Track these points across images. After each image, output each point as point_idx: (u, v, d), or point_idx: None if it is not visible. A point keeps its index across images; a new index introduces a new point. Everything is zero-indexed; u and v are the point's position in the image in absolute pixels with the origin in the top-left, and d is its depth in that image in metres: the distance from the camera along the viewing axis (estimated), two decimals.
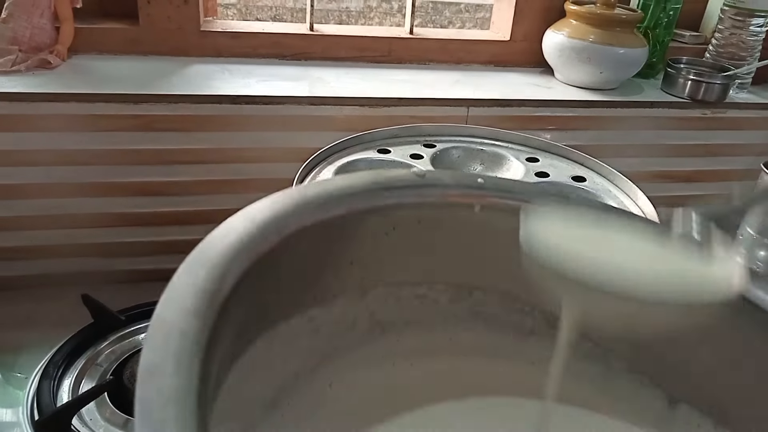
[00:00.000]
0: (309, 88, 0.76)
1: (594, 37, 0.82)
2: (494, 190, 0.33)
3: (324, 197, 0.29)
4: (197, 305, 0.21)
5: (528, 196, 0.33)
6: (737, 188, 0.44)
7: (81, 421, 0.56)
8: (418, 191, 0.31)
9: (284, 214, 0.27)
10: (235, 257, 0.23)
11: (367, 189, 0.30)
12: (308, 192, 0.28)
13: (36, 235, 0.72)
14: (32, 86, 0.68)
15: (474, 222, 0.33)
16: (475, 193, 0.32)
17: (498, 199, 0.33)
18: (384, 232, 0.31)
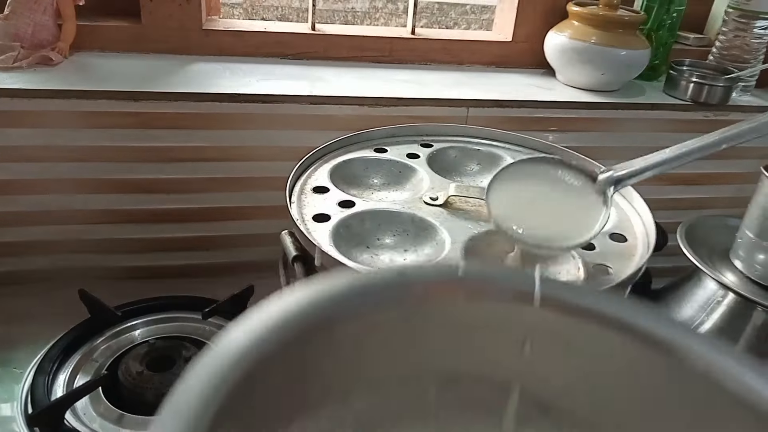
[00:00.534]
0: (309, 87, 0.76)
1: (596, 38, 0.81)
2: (477, 279, 0.33)
3: (300, 313, 0.28)
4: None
5: (512, 284, 0.33)
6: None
7: (75, 416, 0.56)
8: (399, 289, 0.31)
9: (258, 339, 0.27)
10: (213, 397, 0.23)
11: (345, 297, 0.30)
12: (276, 312, 0.28)
13: (34, 230, 0.72)
14: (34, 83, 0.68)
15: (457, 312, 0.33)
16: (457, 284, 0.32)
17: (480, 288, 0.33)
18: (365, 333, 0.31)
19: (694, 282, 0.64)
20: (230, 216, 0.77)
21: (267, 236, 0.75)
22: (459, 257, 0.43)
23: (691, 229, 0.66)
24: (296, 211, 0.50)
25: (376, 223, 0.50)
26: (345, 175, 0.57)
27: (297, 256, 0.46)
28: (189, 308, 0.70)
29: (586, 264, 0.46)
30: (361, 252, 0.48)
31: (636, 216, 0.54)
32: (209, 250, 0.79)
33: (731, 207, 0.89)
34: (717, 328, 0.61)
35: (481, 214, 0.52)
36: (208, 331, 0.68)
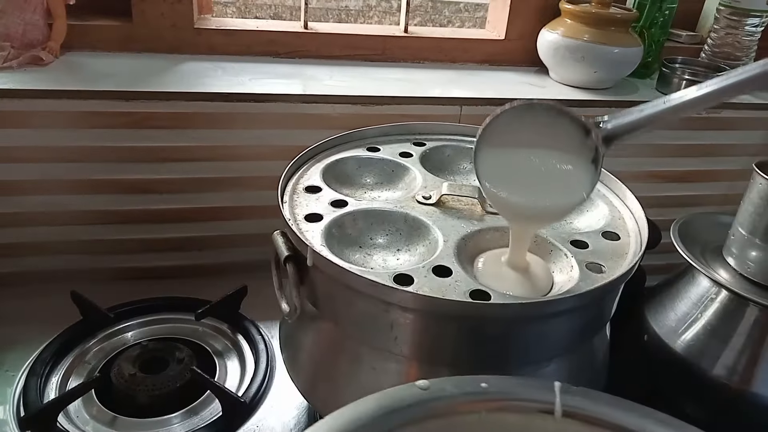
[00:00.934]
0: (302, 87, 0.76)
1: (588, 36, 0.81)
2: (498, 393, 0.35)
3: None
4: None
5: (533, 396, 0.35)
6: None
7: (67, 418, 0.56)
8: (424, 406, 0.33)
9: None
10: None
11: (374, 416, 0.32)
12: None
13: (25, 231, 0.72)
14: (24, 83, 0.68)
15: (480, 425, 0.34)
16: (480, 399, 0.34)
17: (503, 402, 0.35)
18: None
19: (687, 279, 0.64)
20: (223, 216, 0.77)
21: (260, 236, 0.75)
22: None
23: (684, 227, 0.66)
24: (288, 210, 0.50)
25: (369, 222, 0.50)
26: (337, 174, 0.56)
27: (289, 256, 0.46)
28: (182, 309, 0.69)
29: (579, 262, 0.46)
30: (353, 252, 0.48)
31: (628, 214, 0.54)
32: (202, 251, 0.78)
33: (723, 204, 0.89)
34: (710, 325, 0.61)
35: (474, 212, 0.52)
36: (201, 332, 0.68)
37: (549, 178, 0.44)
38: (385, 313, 0.41)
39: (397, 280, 0.42)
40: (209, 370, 0.63)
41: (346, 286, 0.42)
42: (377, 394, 0.34)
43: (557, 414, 0.33)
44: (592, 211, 0.55)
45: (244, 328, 0.68)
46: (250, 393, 0.60)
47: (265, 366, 0.63)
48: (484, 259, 0.47)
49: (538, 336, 0.43)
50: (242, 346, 0.66)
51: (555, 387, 0.34)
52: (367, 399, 0.33)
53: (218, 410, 0.58)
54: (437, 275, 0.43)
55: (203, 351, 0.65)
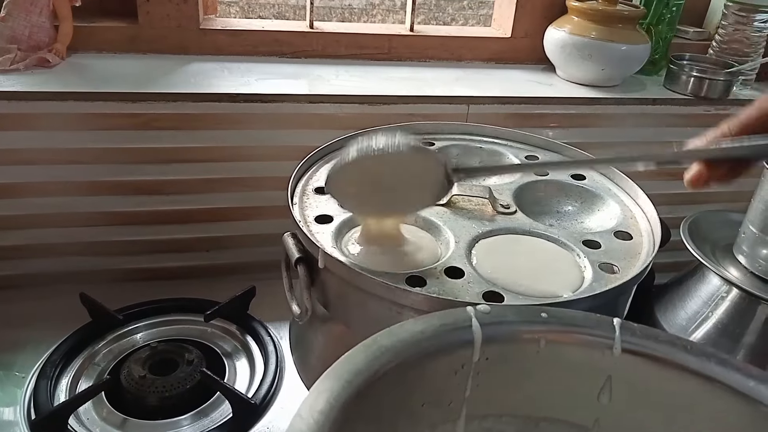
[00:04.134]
0: (308, 86, 0.76)
1: (596, 33, 0.81)
2: (558, 324, 0.35)
3: (397, 344, 0.31)
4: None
5: (592, 326, 0.35)
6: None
7: (78, 421, 0.56)
8: (485, 329, 0.33)
9: (362, 365, 0.30)
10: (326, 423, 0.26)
11: (436, 332, 0.32)
12: (382, 341, 0.31)
13: (34, 233, 0.72)
14: (31, 85, 0.68)
15: (539, 356, 0.34)
16: (540, 329, 0.34)
17: (562, 333, 0.35)
18: (453, 371, 0.33)
19: (697, 278, 0.64)
20: (231, 217, 0.77)
21: (268, 237, 0.75)
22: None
23: (694, 225, 0.66)
24: (298, 212, 0.50)
25: None
26: None
27: (300, 257, 0.46)
28: (191, 311, 0.69)
29: (592, 263, 0.46)
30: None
31: (641, 213, 0.53)
32: (210, 252, 0.78)
33: (733, 202, 0.89)
34: (721, 323, 0.61)
35: (485, 212, 0.52)
36: (210, 334, 0.68)
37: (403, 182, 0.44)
38: (398, 315, 0.41)
39: (410, 281, 0.42)
40: (218, 371, 0.63)
41: (357, 288, 0.42)
42: (440, 312, 0.34)
43: (616, 350, 0.33)
44: (603, 211, 0.54)
45: (253, 329, 0.68)
46: (260, 394, 0.60)
47: (274, 367, 0.63)
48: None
49: None
50: (251, 347, 0.66)
51: (615, 323, 0.34)
52: (432, 315, 0.34)
53: (228, 412, 0.58)
54: (450, 276, 0.43)
55: (212, 352, 0.65)
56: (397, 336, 0.31)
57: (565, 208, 0.56)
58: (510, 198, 0.54)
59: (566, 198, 0.57)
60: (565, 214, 0.56)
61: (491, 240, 0.49)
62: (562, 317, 0.35)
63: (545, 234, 0.50)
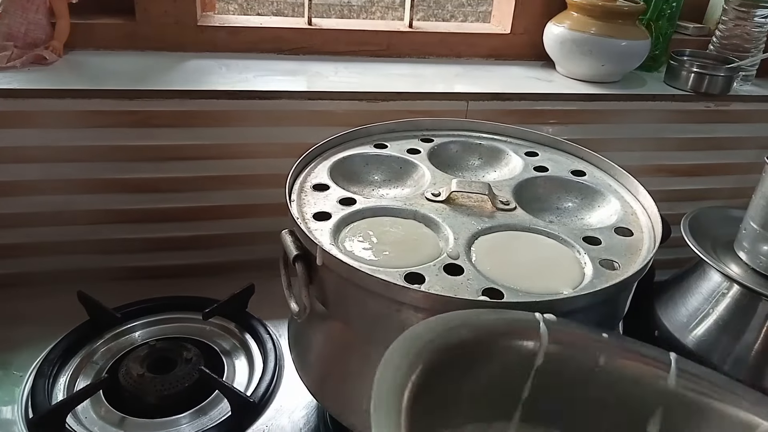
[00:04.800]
0: (307, 83, 0.75)
1: (595, 29, 0.81)
2: (618, 344, 0.36)
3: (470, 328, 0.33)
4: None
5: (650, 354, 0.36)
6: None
7: (76, 419, 0.56)
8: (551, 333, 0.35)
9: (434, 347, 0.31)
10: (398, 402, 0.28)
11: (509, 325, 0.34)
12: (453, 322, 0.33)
13: (31, 232, 0.72)
14: (28, 82, 0.67)
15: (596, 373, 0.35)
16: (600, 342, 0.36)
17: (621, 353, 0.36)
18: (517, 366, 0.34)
19: (698, 274, 0.64)
20: (229, 214, 0.76)
21: (267, 234, 0.74)
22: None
23: (694, 221, 0.66)
24: (296, 209, 0.49)
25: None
26: (345, 172, 0.56)
27: (298, 255, 0.45)
28: (189, 308, 0.69)
29: (593, 259, 0.46)
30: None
31: (641, 209, 0.53)
32: (208, 249, 0.78)
33: (734, 198, 0.89)
34: (722, 320, 0.60)
35: (484, 209, 0.51)
36: (208, 332, 0.68)
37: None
38: (397, 312, 0.41)
39: (408, 278, 0.42)
40: (217, 369, 0.62)
41: (356, 285, 0.42)
42: (502, 311, 0.36)
43: (671, 382, 0.34)
44: (604, 207, 0.54)
45: (252, 327, 0.68)
46: (258, 392, 0.59)
47: (273, 365, 0.63)
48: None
49: None
50: (250, 345, 0.66)
51: (671, 356, 0.35)
52: (503, 311, 0.35)
53: (227, 410, 0.58)
54: (449, 273, 0.43)
55: (211, 350, 0.65)
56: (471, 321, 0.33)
57: (565, 205, 0.56)
58: (510, 194, 0.54)
59: (566, 194, 0.56)
60: (565, 210, 0.55)
61: (491, 237, 0.48)
62: (623, 340, 0.37)
63: (545, 230, 0.49)
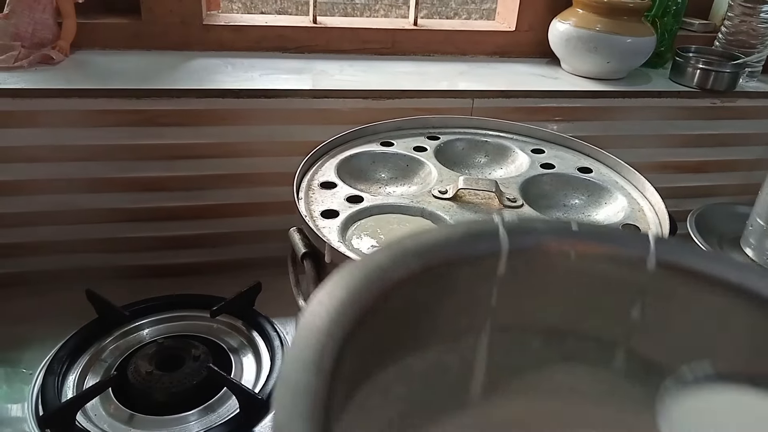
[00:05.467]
0: (312, 82, 0.76)
1: (601, 26, 0.81)
2: (590, 236, 0.33)
3: (422, 248, 0.30)
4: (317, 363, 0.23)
5: (626, 240, 0.33)
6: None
7: (85, 417, 0.56)
8: (512, 239, 0.32)
9: (386, 267, 0.28)
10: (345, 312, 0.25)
11: (461, 239, 0.31)
12: (407, 244, 0.29)
13: (40, 231, 0.72)
14: (35, 82, 0.68)
15: (569, 269, 0.33)
16: (570, 240, 0.33)
17: (594, 246, 0.33)
18: (479, 280, 0.32)
19: None
20: (236, 212, 0.77)
21: (274, 232, 0.75)
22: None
23: (701, 217, 0.66)
24: (304, 207, 0.49)
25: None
26: (352, 169, 0.56)
27: (306, 252, 0.46)
28: (197, 306, 0.69)
29: None
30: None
31: (648, 206, 0.53)
32: (215, 247, 0.78)
33: (740, 194, 0.88)
34: None
35: (492, 206, 0.51)
36: (216, 329, 0.68)
37: None
38: None
39: None
40: (225, 367, 0.63)
41: None
42: (466, 221, 0.33)
43: (650, 264, 0.32)
44: (611, 204, 0.54)
45: (259, 324, 0.68)
46: (267, 389, 0.60)
47: (281, 362, 0.63)
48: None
49: None
50: (257, 343, 0.66)
51: (650, 237, 0.32)
52: (457, 224, 0.33)
53: (235, 407, 0.58)
54: None
55: (219, 348, 0.65)
56: (423, 240, 0.30)
57: (572, 201, 0.56)
58: (516, 191, 0.54)
59: (573, 191, 0.56)
60: (572, 207, 0.55)
61: None
62: (594, 230, 0.34)
63: None
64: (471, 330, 0.33)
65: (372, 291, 0.26)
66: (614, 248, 0.32)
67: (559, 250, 0.32)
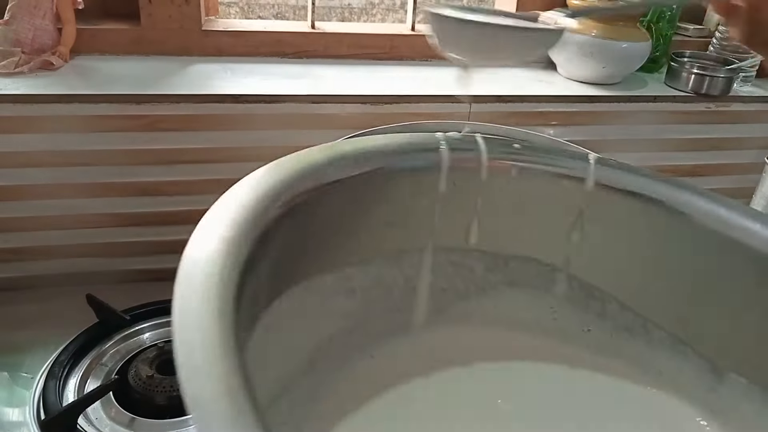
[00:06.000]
0: (310, 87, 0.76)
1: (596, 31, 0.81)
2: (531, 153, 0.32)
3: (359, 153, 0.28)
4: (232, 235, 0.21)
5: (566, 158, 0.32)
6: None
7: (87, 420, 0.57)
8: (453, 154, 0.31)
9: (320, 164, 0.26)
10: (272, 197, 0.23)
11: (401, 149, 0.30)
12: (344, 147, 0.28)
13: (40, 235, 0.72)
14: (35, 88, 0.68)
15: (510, 187, 0.32)
16: (512, 157, 0.32)
17: (534, 163, 0.32)
18: (419, 194, 0.31)
19: None
20: None
21: None
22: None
23: None
24: None
25: None
26: None
27: None
28: None
29: None
30: None
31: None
32: None
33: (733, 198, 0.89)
34: None
35: None
36: None
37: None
38: None
39: None
40: None
41: None
42: (408, 133, 0.32)
43: (589, 183, 0.32)
44: None
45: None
46: None
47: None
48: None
49: None
50: None
51: (590, 157, 0.32)
52: (399, 134, 0.32)
53: None
54: None
55: None
56: (361, 145, 0.29)
57: None
58: None
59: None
60: None
61: None
62: (535, 147, 0.33)
63: None
64: (414, 248, 0.32)
65: (306, 183, 0.25)
66: (554, 167, 0.32)
67: (500, 166, 0.32)
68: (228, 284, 0.19)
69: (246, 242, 0.21)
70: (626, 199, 0.32)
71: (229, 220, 0.21)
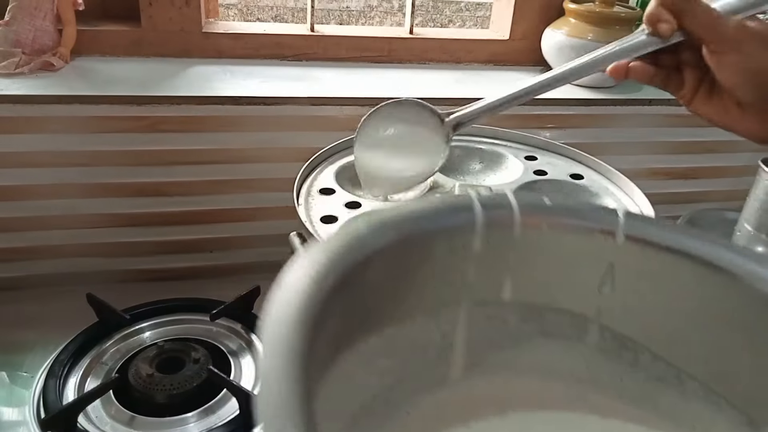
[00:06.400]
0: (310, 89, 0.77)
1: (593, 35, 0.82)
2: (561, 211, 0.34)
3: (399, 219, 0.30)
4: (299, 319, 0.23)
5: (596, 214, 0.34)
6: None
7: (87, 419, 0.57)
8: (486, 212, 0.32)
9: (364, 234, 0.29)
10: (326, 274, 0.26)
11: (437, 212, 0.32)
12: (384, 215, 0.30)
13: (41, 235, 0.73)
14: (36, 89, 0.69)
15: (541, 242, 0.34)
16: (542, 213, 0.34)
17: (565, 219, 0.34)
18: (455, 253, 0.33)
19: None
20: (235, 218, 0.78)
21: (272, 237, 0.76)
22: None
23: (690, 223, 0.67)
24: (304, 213, 0.51)
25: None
26: (351, 176, 0.57)
27: None
28: (196, 310, 0.70)
29: None
30: None
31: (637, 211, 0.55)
32: (214, 252, 0.79)
33: (728, 200, 0.90)
34: None
35: None
36: (215, 333, 0.69)
37: (412, 152, 0.54)
38: None
39: None
40: (224, 369, 0.64)
41: None
42: (440, 195, 0.33)
43: (619, 238, 0.33)
44: None
45: (258, 327, 0.69)
46: None
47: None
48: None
49: None
50: (256, 346, 0.67)
51: (619, 211, 0.33)
52: (432, 197, 0.33)
53: (235, 409, 0.59)
54: None
55: (218, 351, 0.66)
56: (399, 212, 0.31)
57: None
58: None
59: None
60: None
61: None
62: (565, 205, 0.35)
63: None
64: (450, 304, 0.34)
65: (352, 257, 0.27)
66: (584, 221, 0.33)
67: (531, 223, 0.33)
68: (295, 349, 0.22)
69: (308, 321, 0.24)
70: (658, 253, 0.34)
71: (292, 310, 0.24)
